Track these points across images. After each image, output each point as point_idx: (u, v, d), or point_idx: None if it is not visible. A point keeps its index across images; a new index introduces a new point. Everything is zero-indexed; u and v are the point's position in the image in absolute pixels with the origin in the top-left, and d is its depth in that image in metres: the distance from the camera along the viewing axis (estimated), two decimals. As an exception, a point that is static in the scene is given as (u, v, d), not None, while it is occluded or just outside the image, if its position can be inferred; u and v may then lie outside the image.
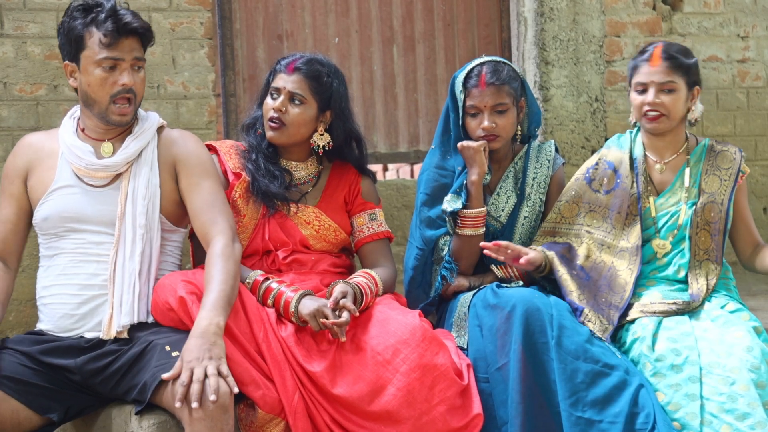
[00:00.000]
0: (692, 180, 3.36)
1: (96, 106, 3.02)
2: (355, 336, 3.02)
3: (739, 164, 3.38)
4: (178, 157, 3.11)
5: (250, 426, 2.91)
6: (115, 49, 2.98)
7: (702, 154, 3.40)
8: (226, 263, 2.93)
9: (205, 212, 3.05)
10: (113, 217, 3.02)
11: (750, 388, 2.95)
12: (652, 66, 3.30)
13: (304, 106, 3.29)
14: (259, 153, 3.31)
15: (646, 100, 3.30)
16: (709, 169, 3.37)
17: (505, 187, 3.49)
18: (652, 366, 3.08)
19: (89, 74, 3.00)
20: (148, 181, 3.05)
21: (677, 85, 3.30)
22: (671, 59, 3.30)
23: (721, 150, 3.40)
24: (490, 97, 3.34)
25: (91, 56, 2.99)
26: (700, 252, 3.33)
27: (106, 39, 2.97)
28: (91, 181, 3.05)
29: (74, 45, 3.01)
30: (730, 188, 3.36)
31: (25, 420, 2.89)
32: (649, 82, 3.30)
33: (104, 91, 3.00)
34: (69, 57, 3.04)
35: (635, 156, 3.41)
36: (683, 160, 3.40)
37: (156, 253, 3.05)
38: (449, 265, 3.38)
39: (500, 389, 3.06)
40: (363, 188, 3.43)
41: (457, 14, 4.94)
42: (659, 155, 3.41)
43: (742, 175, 3.39)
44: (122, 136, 3.09)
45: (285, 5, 4.73)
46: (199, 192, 3.07)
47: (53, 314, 3.01)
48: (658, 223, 3.36)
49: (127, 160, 3.05)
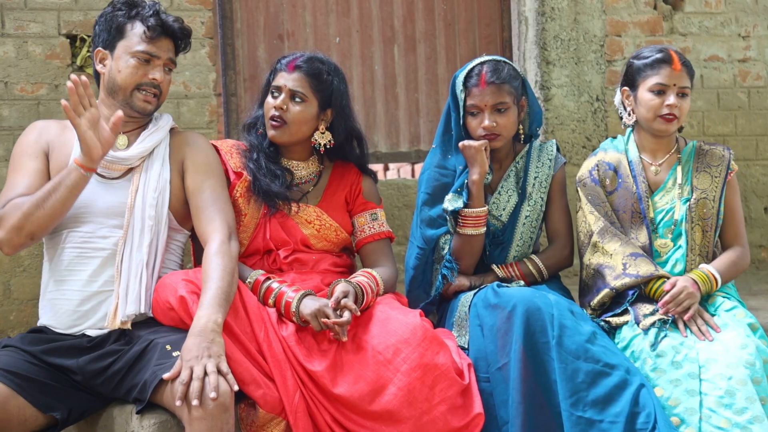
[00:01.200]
0: (684, 178, 3.42)
1: (120, 92, 3.08)
2: (356, 335, 3.02)
3: (728, 161, 3.45)
4: (187, 155, 3.16)
5: (251, 425, 2.91)
6: (153, 45, 3.08)
7: (691, 153, 3.47)
8: (223, 260, 2.95)
9: (205, 210, 3.08)
10: (122, 209, 3.04)
11: (747, 383, 3.00)
12: (676, 70, 3.35)
13: (305, 104, 3.29)
14: (260, 152, 3.32)
15: (668, 102, 3.35)
16: (700, 166, 3.44)
17: (506, 186, 3.49)
18: (653, 361, 3.11)
19: (122, 62, 3.07)
20: (159, 175, 3.09)
21: (690, 89, 3.40)
22: (686, 65, 3.39)
23: (710, 149, 3.48)
24: (490, 96, 3.34)
25: (129, 46, 3.07)
26: (696, 247, 3.39)
27: (149, 33, 3.06)
28: (105, 173, 3.07)
29: (113, 33, 3.09)
30: (720, 184, 3.42)
31: (31, 417, 2.89)
32: (671, 85, 3.35)
33: (132, 79, 3.07)
34: (103, 44, 3.11)
35: (630, 158, 3.47)
36: (675, 159, 3.46)
37: (162, 247, 3.08)
38: (450, 264, 3.38)
39: (501, 389, 3.06)
40: (364, 188, 3.43)
41: (458, 14, 4.94)
42: (653, 156, 3.47)
43: (731, 172, 3.45)
44: (137, 131, 3.15)
45: (286, 5, 4.73)
46: (202, 191, 3.11)
47: (57, 309, 3.02)
48: (656, 220, 3.40)
49: (142, 154, 3.09)
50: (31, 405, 2.89)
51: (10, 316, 4.12)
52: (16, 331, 4.06)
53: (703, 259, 3.39)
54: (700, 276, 3.29)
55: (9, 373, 2.87)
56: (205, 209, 3.09)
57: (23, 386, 2.88)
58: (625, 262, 3.31)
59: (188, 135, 3.24)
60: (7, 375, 2.87)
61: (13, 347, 2.97)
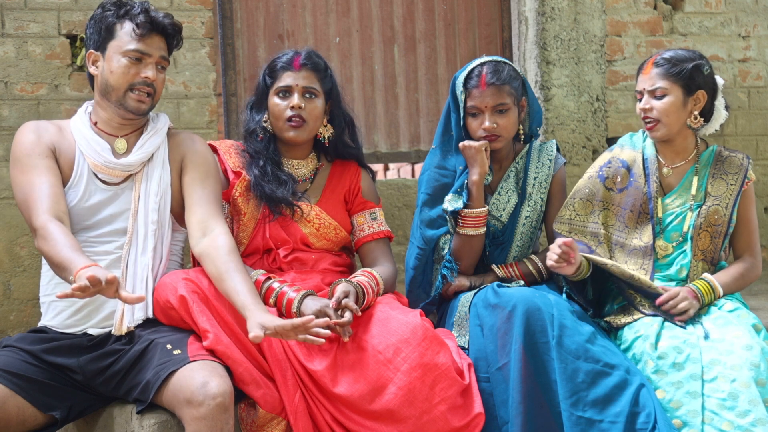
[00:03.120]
0: (699, 183, 3.38)
1: (114, 93, 3.05)
2: (356, 335, 3.02)
3: (746, 170, 3.39)
4: (185, 155, 3.15)
5: (251, 425, 2.92)
6: (143, 43, 3.04)
7: (710, 159, 3.41)
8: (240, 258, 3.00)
9: (208, 205, 3.08)
10: (126, 215, 3.04)
11: (751, 385, 2.97)
12: (644, 74, 3.35)
13: (317, 99, 3.32)
14: (267, 159, 3.31)
15: (639, 106, 3.35)
16: (716, 173, 3.38)
17: (506, 186, 3.49)
18: (655, 363, 3.09)
19: (114, 62, 3.04)
20: (160, 178, 3.09)
21: (668, 90, 3.31)
22: (660, 66, 3.32)
23: (729, 155, 3.41)
24: (490, 98, 3.34)
25: (120, 46, 3.04)
26: (699, 252, 3.35)
27: (138, 31, 3.03)
28: (106, 179, 3.06)
29: (104, 34, 3.06)
30: (736, 192, 3.37)
31: (30, 417, 2.89)
32: (642, 90, 3.35)
33: (125, 79, 3.04)
34: (95, 46, 3.09)
35: (646, 156, 3.42)
36: (692, 164, 3.40)
37: (166, 250, 3.08)
38: (450, 264, 3.38)
39: (501, 389, 3.06)
40: (363, 187, 3.44)
41: (458, 14, 4.94)
42: (668, 159, 3.42)
43: (748, 181, 3.39)
44: (136, 134, 3.13)
45: (286, 5, 4.73)
46: (203, 187, 3.10)
47: (58, 310, 3.01)
48: (664, 222, 3.37)
49: (143, 160, 3.08)
50: (31, 404, 2.89)
51: (10, 316, 4.12)
52: (16, 331, 4.06)
53: (707, 263, 3.36)
54: (701, 286, 3.26)
55: (8, 373, 2.87)
56: (208, 204, 3.08)
57: (22, 386, 2.88)
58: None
59: (185, 135, 3.23)
60: (5, 375, 2.87)
61: (13, 347, 2.97)
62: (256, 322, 2.75)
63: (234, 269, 2.91)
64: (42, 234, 2.86)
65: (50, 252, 2.82)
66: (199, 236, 3.03)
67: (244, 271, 2.94)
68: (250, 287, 2.88)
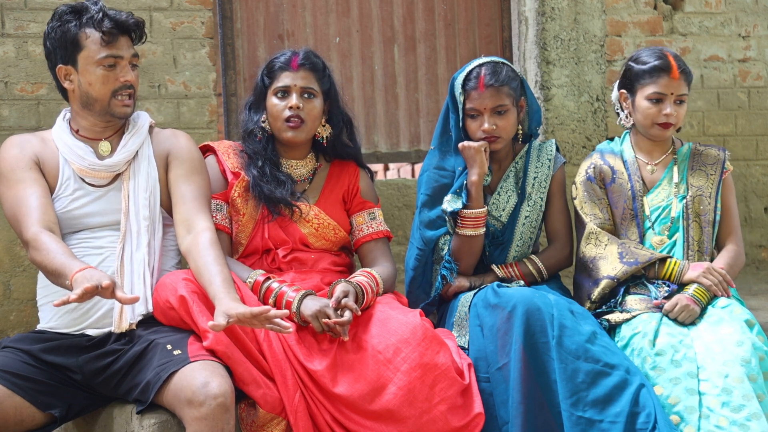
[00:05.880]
0: (680, 176, 3.46)
1: (98, 104, 3.05)
2: (356, 335, 3.02)
3: (723, 161, 3.50)
4: (171, 150, 3.15)
5: (251, 425, 2.92)
6: (114, 47, 3.02)
7: (687, 154, 3.52)
8: (221, 252, 2.97)
9: (195, 200, 3.08)
10: (116, 214, 3.05)
11: (743, 380, 3.02)
12: (674, 79, 3.38)
13: (316, 99, 3.32)
14: (265, 160, 3.31)
15: (665, 111, 3.38)
16: (695, 165, 3.49)
17: (505, 186, 3.49)
18: (652, 360, 3.12)
19: (90, 74, 3.02)
20: (147, 175, 3.09)
21: (687, 95, 3.43)
22: (684, 72, 3.40)
23: (704, 150, 3.53)
24: (489, 99, 3.34)
25: (91, 56, 3.01)
26: (694, 243, 3.42)
27: (106, 37, 3.00)
28: (93, 181, 3.07)
29: (70, 47, 3.02)
30: (716, 183, 3.47)
31: (28, 417, 2.89)
32: (668, 94, 3.38)
33: (106, 88, 3.03)
34: (63, 60, 3.05)
35: (626, 159, 3.50)
36: (671, 159, 3.50)
37: (159, 245, 3.09)
38: (449, 264, 3.38)
39: (501, 389, 3.06)
40: (362, 187, 3.44)
41: (458, 14, 4.94)
42: (649, 156, 3.51)
43: (726, 171, 3.49)
44: (117, 135, 3.13)
45: (286, 5, 4.73)
46: (189, 183, 3.10)
47: (56, 309, 3.01)
48: (652, 217, 3.44)
49: (128, 158, 3.08)
50: (29, 404, 2.89)
51: (10, 316, 4.12)
52: (16, 331, 4.06)
53: (702, 255, 3.42)
54: (697, 293, 3.29)
55: (5, 372, 2.88)
56: (195, 199, 3.08)
57: (20, 385, 2.88)
58: (621, 251, 3.34)
59: (169, 132, 3.23)
60: (3, 374, 2.87)
61: (11, 347, 2.97)
62: (221, 310, 2.74)
63: (211, 261, 2.90)
64: (34, 245, 2.89)
65: (44, 261, 2.85)
66: (184, 234, 3.04)
67: (220, 262, 2.91)
68: (224, 278, 2.86)
